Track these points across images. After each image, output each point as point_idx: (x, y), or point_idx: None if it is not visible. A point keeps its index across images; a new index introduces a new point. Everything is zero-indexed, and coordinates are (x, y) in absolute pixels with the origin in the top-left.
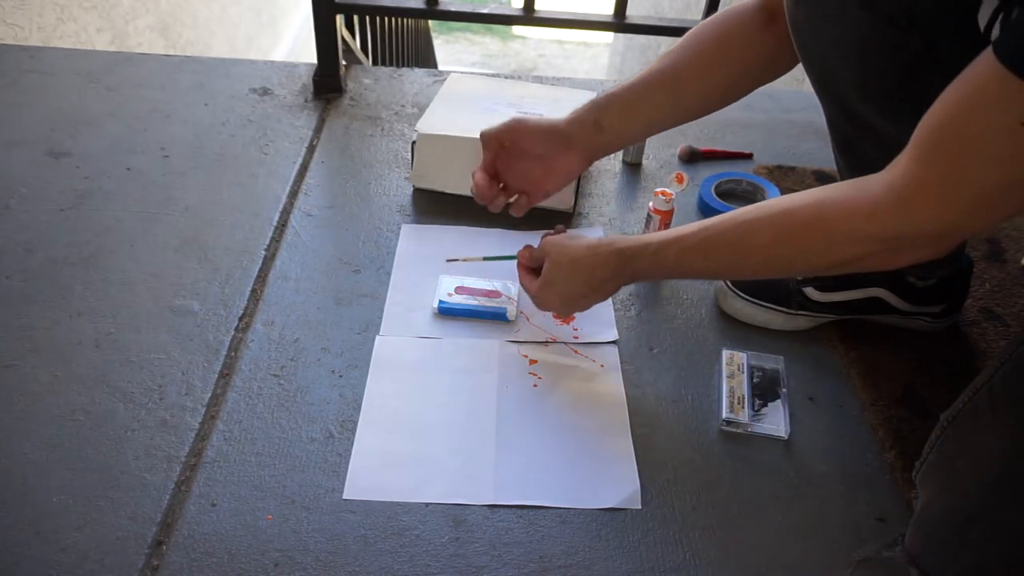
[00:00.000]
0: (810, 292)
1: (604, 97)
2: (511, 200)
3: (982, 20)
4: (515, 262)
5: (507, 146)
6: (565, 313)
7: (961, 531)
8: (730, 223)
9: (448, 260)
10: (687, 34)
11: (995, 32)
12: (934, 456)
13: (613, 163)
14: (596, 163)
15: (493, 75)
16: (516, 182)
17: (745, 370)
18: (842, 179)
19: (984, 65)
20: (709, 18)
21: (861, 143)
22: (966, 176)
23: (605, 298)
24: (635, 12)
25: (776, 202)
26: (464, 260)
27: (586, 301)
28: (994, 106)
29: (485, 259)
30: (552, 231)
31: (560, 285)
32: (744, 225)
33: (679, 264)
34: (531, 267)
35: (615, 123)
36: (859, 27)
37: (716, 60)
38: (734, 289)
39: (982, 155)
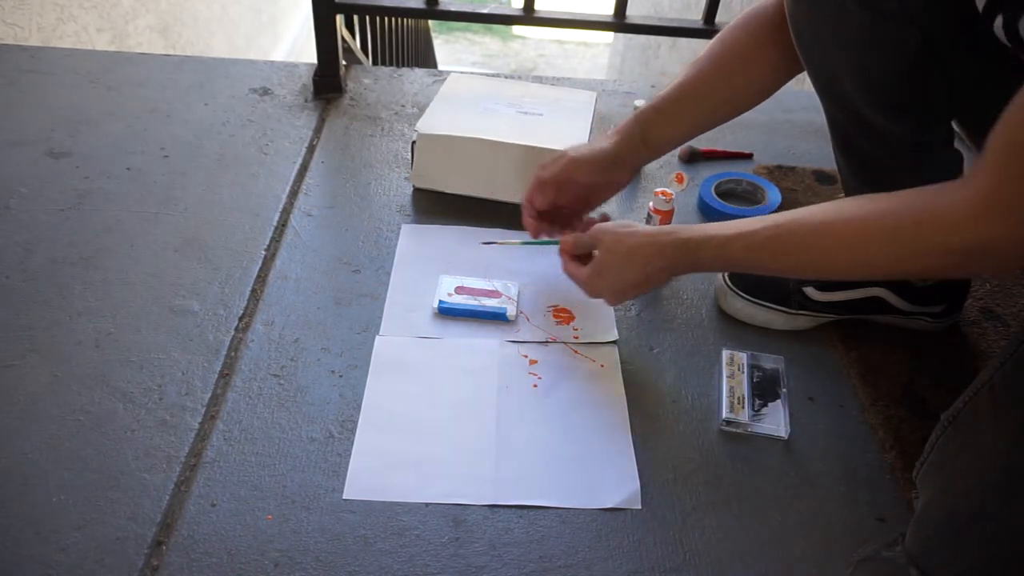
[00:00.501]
0: (810, 292)
1: (647, 111)
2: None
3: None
4: (554, 247)
5: (561, 183)
6: (614, 301)
7: (962, 531)
8: (805, 223)
9: (484, 243)
10: (715, 39)
11: (996, 27)
12: (935, 456)
13: None
14: None
15: (493, 75)
16: (567, 203)
17: (745, 370)
18: (843, 178)
19: None
20: (734, 21)
21: (862, 141)
22: None
23: (658, 286)
24: (635, 12)
25: (853, 205)
26: (501, 243)
27: (637, 290)
28: None
29: (523, 243)
30: (598, 218)
31: (614, 273)
32: (821, 227)
33: (744, 259)
34: (576, 254)
35: (659, 136)
36: (858, 24)
37: (746, 61)
38: (734, 289)
39: None
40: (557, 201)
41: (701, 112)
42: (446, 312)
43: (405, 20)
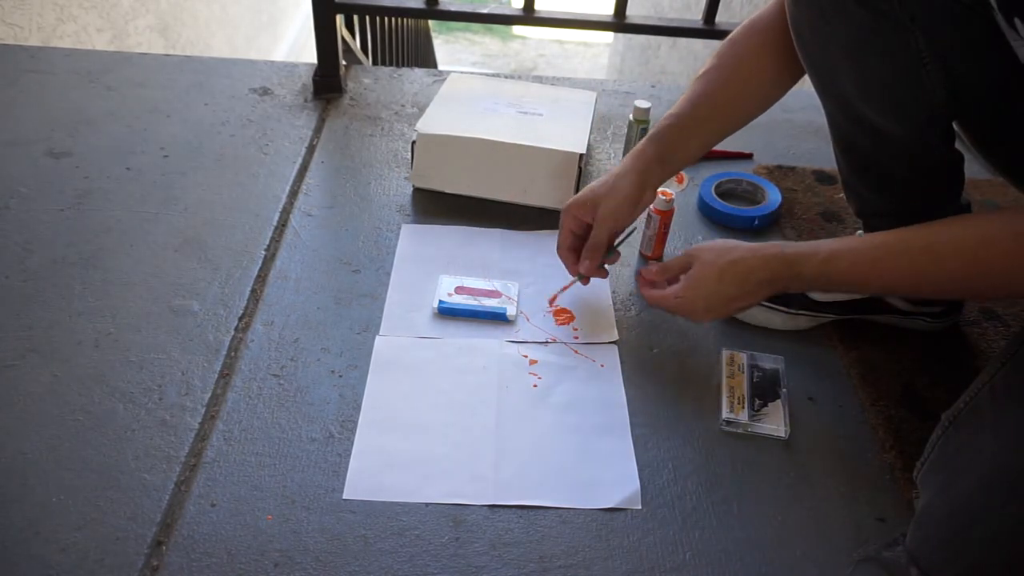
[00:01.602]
0: (811, 292)
1: (663, 131)
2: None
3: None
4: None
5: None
6: (707, 317)
7: (962, 531)
8: (917, 241)
9: (549, 301)
10: (718, 52)
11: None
12: (935, 456)
13: (613, 164)
14: (596, 164)
15: (493, 75)
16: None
17: (745, 370)
18: (843, 178)
19: None
20: (735, 32)
21: (862, 141)
22: None
23: (752, 304)
24: (635, 12)
25: (963, 227)
26: (563, 290)
27: (733, 304)
28: None
29: (579, 277)
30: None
31: (710, 287)
32: (932, 250)
33: (849, 276)
34: (656, 279)
35: (676, 155)
36: (858, 25)
37: (753, 73)
38: None
39: None
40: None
41: (715, 127)
42: (446, 312)
43: (405, 20)
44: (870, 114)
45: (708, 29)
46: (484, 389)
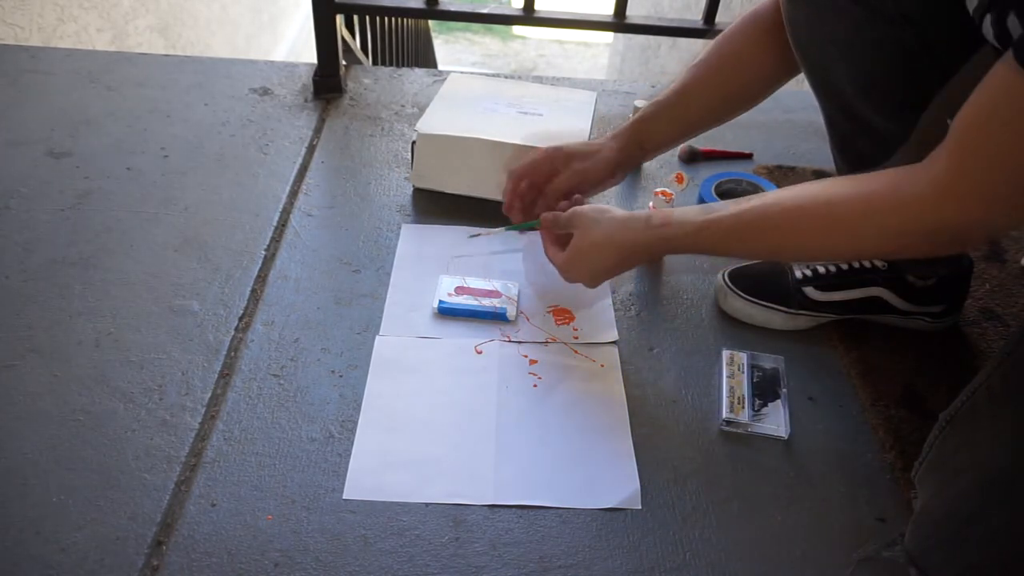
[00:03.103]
0: (810, 292)
1: (645, 117)
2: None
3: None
4: (534, 231)
5: (552, 174)
6: (592, 285)
7: (960, 531)
8: (775, 209)
9: (470, 236)
10: (712, 43)
11: (986, 27)
12: (933, 456)
13: None
14: None
15: (493, 75)
16: (553, 195)
17: (745, 370)
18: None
19: (1010, 71)
20: (731, 25)
21: (859, 140)
22: (1005, 176)
23: (633, 266)
24: (635, 12)
25: (820, 189)
26: (487, 234)
27: (614, 272)
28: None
29: (507, 229)
30: (569, 202)
31: (591, 258)
32: (792, 212)
33: (717, 245)
34: (555, 233)
35: (656, 140)
36: (854, 24)
37: (742, 64)
38: (734, 289)
39: (1018, 157)
40: (545, 190)
41: (697, 114)
42: (446, 312)
43: (405, 20)
44: (867, 112)
45: (708, 29)
46: (484, 389)
